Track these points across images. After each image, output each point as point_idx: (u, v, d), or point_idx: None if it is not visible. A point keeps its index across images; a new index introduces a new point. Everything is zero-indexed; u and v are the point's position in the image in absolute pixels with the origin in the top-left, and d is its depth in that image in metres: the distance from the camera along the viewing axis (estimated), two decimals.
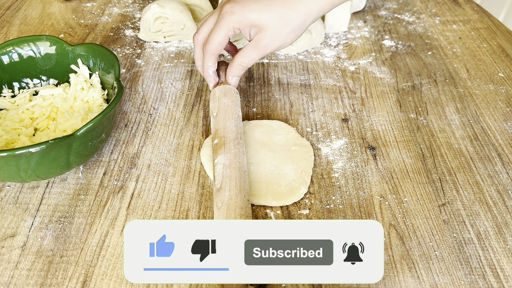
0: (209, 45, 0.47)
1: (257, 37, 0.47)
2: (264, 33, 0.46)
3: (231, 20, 0.46)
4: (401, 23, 0.72)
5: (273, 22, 0.45)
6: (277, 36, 0.46)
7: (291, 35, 0.47)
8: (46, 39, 0.50)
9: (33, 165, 0.38)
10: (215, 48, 0.47)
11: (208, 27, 0.49)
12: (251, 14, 0.45)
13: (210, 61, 0.49)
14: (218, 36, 0.47)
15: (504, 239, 0.40)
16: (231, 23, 0.46)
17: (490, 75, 0.60)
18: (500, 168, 0.47)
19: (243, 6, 0.45)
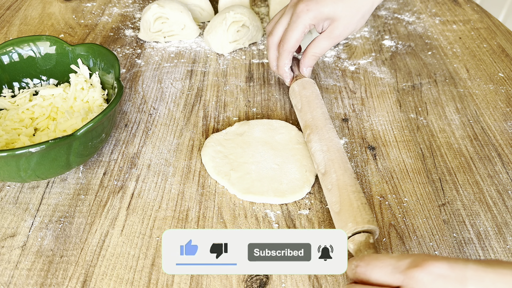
0: (287, 44, 0.49)
1: (331, 28, 0.49)
2: (337, 23, 0.48)
3: (307, 17, 0.47)
4: (401, 23, 0.72)
5: (346, 12, 0.47)
6: (350, 24, 0.48)
7: (361, 20, 0.50)
8: (46, 39, 0.50)
9: (33, 165, 0.38)
10: (292, 46, 0.49)
11: (282, 27, 0.50)
12: (326, 8, 0.47)
13: (286, 59, 0.50)
14: (295, 34, 0.48)
15: (504, 239, 0.40)
16: (307, 20, 0.47)
17: (490, 75, 0.60)
18: (500, 168, 0.47)
19: (317, 2, 0.47)
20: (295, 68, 0.53)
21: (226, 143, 0.47)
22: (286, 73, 0.52)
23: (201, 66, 0.61)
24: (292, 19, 0.48)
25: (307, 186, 0.43)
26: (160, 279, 0.36)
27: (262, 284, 0.36)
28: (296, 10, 0.48)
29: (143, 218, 0.41)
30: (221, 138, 0.48)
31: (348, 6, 0.47)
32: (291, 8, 0.50)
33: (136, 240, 0.39)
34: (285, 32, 0.49)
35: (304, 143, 0.48)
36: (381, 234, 0.40)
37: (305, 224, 0.41)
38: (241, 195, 0.42)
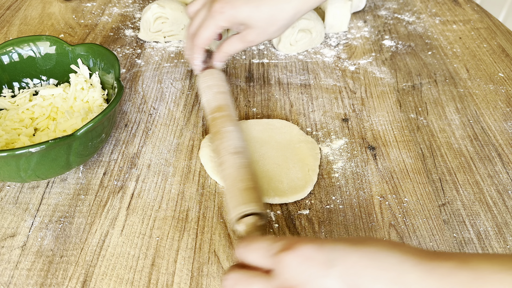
0: (198, 40, 0.50)
1: (245, 33, 0.49)
2: (251, 30, 0.48)
3: (220, 18, 0.47)
4: (401, 23, 0.72)
5: (261, 23, 0.48)
6: (264, 33, 0.49)
7: (277, 32, 0.50)
8: (46, 39, 0.50)
9: (33, 165, 0.38)
10: (203, 43, 0.50)
11: (198, 21, 0.50)
12: (241, 15, 0.47)
13: (197, 53, 0.51)
14: (206, 32, 0.49)
15: (504, 239, 0.40)
16: (220, 22, 0.48)
17: (490, 75, 0.60)
18: (500, 168, 0.47)
19: (233, 6, 0.47)
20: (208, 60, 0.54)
21: None
22: (196, 65, 0.52)
23: None
24: (207, 17, 0.48)
25: (309, 185, 0.43)
26: (160, 279, 0.36)
27: None
28: (211, 9, 0.48)
29: (143, 218, 0.41)
30: None
31: (264, 18, 0.47)
32: (208, 4, 0.49)
33: (136, 240, 0.39)
34: (198, 28, 0.49)
35: (306, 141, 0.48)
36: (381, 234, 0.40)
37: (305, 224, 0.41)
38: None
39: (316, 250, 0.27)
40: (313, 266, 0.26)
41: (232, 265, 0.32)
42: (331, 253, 0.27)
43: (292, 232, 0.40)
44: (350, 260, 0.26)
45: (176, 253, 0.38)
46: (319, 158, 0.46)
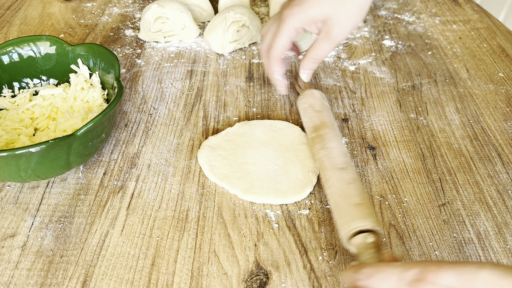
0: (273, 51, 0.48)
1: (326, 28, 0.46)
2: (331, 22, 0.45)
3: (292, 22, 0.45)
4: (401, 23, 0.72)
5: (337, 9, 0.44)
6: (346, 21, 0.45)
7: (361, 13, 0.45)
8: (46, 39, 0.50)
9: (33, 165, 0.38)
10: (278, 52, 0.48)
11: (271, 34, 0.49)
12: (311, 10, 0.44)
13: (275, 66, 0.49)
14: (281, 40, 0.47)
15: (504, 239, 0.40)
16: (293, 25, 0.46)
17: (490, 75, 0.60)
18: (500, 168, 0.47)
19: (301, 5, 0.45)
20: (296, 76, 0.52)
21: (225, 144, 0.47)
22: (277, 80, 0.50)
23: (201, 66, 0.61)
24: (279, 25, 0.47)
25: (309, 186, 0.43)
26: (160, 279, 0.36)
27: (262, 284, 0.36)
28: (281, 16, 0.47)
29: (143, 218, 0.41)
30: (218, 141, 0.48)
31: (337, 3, 0.44)
32: (278, 14, 0.48)
33: (136, 240, 0.39)
34: (272, 39, 0.48)
35: (307, 144, 0.47)
36: None
37: (305, 224, 0.41)
38: (241, 195, 0.42)
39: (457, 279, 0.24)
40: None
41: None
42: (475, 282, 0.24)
43: (292, 232, 0.40)
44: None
45: (176, 253, 0.38)
46: None
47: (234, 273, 0.37)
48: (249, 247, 0.39)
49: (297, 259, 0.38)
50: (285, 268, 0.37)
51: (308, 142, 0.47)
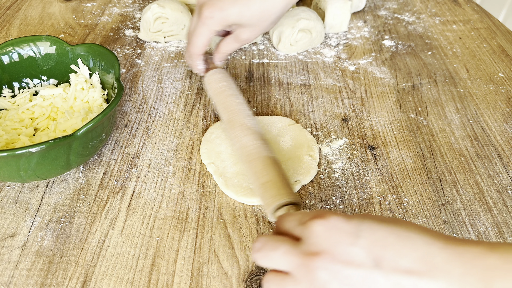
0: (193, 48, 0.50)
1: (238, 32, 0.50)
2: (244, 29, 0.49)
3: (211, 24, 0.48)
4: (401, 23, 0.72)
5: (253, 21, 0.48)
6: (257, 30, 0.50)
7: (270, 26, 0.51)
8: (46, 39, 0.50)
9: (33, 165, 0.38)
10: (198, 50, 0.50)
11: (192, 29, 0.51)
12: (231, 17, 0.47)
13: (196, 60, 0.52)
14: (200, 39, 0.49)
15: (504, 239, 0.40)
16: (212, 27, 0.48)
17: (490, 75, 0.60)
18: (500, 168, 0.47)
19: (221, 9, 0.47)
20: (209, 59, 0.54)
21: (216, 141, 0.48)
22: (198, 70, 0.53)
23: None
24: (198, 24, 0.49)
25: (297, 185, 0.44)
26: (160, 279, 0.36)
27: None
28: (201, 16, 0.48)
29: (143, 218, 0.41)
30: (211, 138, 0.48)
31: (255, 15, 0.47)
32: (197, 10, 0.49)
33: (136, 240, 0.39)
34: (192, 36, 0.50)
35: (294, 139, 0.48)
36: None
37: None
38: (235, 196, 0.43)
39: (345, 221, 0.27)
40: (340, 234, 0.27)
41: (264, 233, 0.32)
42: (360, 225, 0.27)
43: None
44: (378, 234, 0.26)
45: (176, 253, 0.38)
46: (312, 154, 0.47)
47: (234, 273, 0.37)
48: (249, 247, 0.39)
49: None
50: None
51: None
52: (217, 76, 0.51)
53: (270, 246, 0.29)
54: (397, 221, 0.28)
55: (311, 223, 0.28)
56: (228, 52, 0.52)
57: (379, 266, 0.25)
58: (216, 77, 0.51)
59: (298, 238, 0.29)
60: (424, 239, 0.26)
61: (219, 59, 0.53)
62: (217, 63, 0.53)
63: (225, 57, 0.53)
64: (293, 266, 0.28)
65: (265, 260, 0.29)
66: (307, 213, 0.30)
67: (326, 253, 0.26)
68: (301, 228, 0.29)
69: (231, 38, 0.51)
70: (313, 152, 0.46)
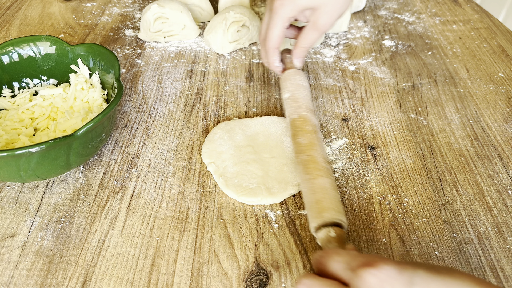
0: (269, 42, 0.49)
1: (314, 18, 0.48)
2: (319, 12, 0.47)
3: (283, 12, 0.47)
4: (401, 23, 0.72)
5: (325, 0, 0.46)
6: (333, 11, 0.47)
7: (345, 4, 0.48)
8: (46, 39, 0.50)
9: (33, 165, 0.38)
10: (275, 42, 0.49)
11: (265, 25, 0.50)
12: (301, 0, 0.46)
13: (273, 55, 0.50)
14: (275, 31, 0.48)
15: (504, 239, 0.40)
16: (284, 15, 0.47)
17: (490, 75, 0.60)
18: (500, 168, 0.47)
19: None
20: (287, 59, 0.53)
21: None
22: (276, 67, 0.52)
23: (201, 66, 0.61)
24: (271, 15, 0.48)
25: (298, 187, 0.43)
26: (160, 279, 0.36)
27: (262, 284, 0.36)
28: (272, 7, 0.48)
29: (143, 218, 0.41)
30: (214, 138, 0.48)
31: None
32: (268, 4, 0.50)
33: (136, 240, 0.39)
34: (266, 30, 0.49)
35: None
36: (381, 234, 0.40)
37: (305, 224, 0.41)
38: (236, 196, 0.43)
39: (398, 272, 0.26)
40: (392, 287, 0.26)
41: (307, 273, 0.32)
42: (413, 277, 0.26)
43: (292, 232, 0.40)
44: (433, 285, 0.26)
45: (176, 253, 0.38)
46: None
47: (234, 273, 0.37)
48: (249, 247, 0.39)
49: (297, 259, 0.38)
50: (285, 268, 0.37)
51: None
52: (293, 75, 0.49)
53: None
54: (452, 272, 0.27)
55: (363, 272, 0.27)
56: (308, 45, 0.50)
57: None
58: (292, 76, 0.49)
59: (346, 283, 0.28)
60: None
61: (299, 55, 0.51)
62: (295, 62, 0.52)
63: (305, 53, 0.51)
64: None
65: None
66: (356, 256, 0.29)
67: None
68: (350, 274, 0.28)
69: (309, 27, 0.49)
70: None
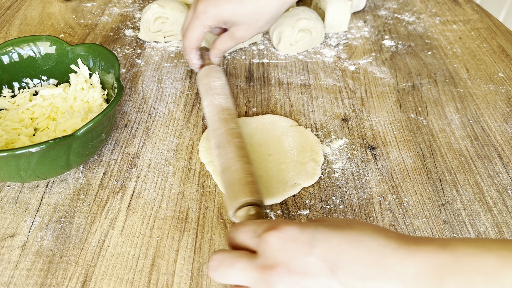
0: (187, 41, 0.50)
1: (232, 30, 0.50)
2: (238, 27, 0.49)
3: (205, 19, 0.48)
4: (401, 23, 0.72)
5: (247, 19, 0.48)
6: (252, 29, 0.49)
7: (266, 26, 0.50)
8: (46, 39, 0.50)
9: (33, 165, 0.38)
10: (192, 43, 0.51)
11: (187, 22, 0.51)
12: (224, 13, 0.47)
13: (191, 54, 0.52)
14: (193, 33, 0.49)
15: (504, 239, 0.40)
16: (205, 22, 0.48)
17: (490, 75, 0.60)
18: (500, 168, 0.47)
19: (216, 5, 0.47)
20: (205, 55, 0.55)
21: None
22: (193, 64, 0.53)
23: None
24: (192, 18, 0.49)
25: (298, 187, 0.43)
26: (160, 279, 0.36)
27: None
28: (195, 10, 0.48)
29: (143, 218, 0.41)
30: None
31: (249, 13, 0.47)
32: (193, 5, 0.50)
33: (136, 240, 0.39)
34: (186, 30, 0.50)
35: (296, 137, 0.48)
36: None
37: None
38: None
39: (299, 231, 0.28)
40: (295, 245, 0.27)
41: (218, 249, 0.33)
42: (314, 234, 0.27)
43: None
44: (332, 242, 0.27)
45: (176, 253, 0.38)
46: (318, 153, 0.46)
47: None
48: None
49: None
50: None
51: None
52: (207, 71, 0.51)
53: (227, 263, 0.29)
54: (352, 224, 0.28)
55: (266, 235, 0.28)
56: (223, 49, 0.52)
57: (335, 274, 0.26)
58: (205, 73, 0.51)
59: (254, 251, 0.29)
60: (378, 241, 0.26)
61: (215, 56, 0.53)
62: (213, 59, 0.53)
63: (220, 54, 0.53)
64: (252, 281, 0.28)
65: (224, 279, 0.29)
66: (261, 223, 0.30)
67: (282, 265, 0.27)
68: (257, 241, 0.29)
69: (227, 35, 0.51)
70: (317, 155, 0.46)
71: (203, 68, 0.52)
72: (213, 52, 0.53)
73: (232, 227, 0.32)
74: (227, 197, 0.38)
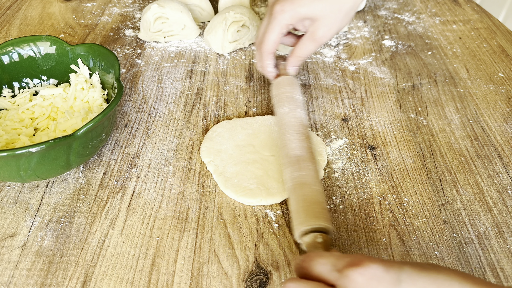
0: (264, 45, 0.49)
1: (312, 29, 0.47)
2: (318, 23, 0.47)
3: (282, 18, 0.46)
4: (401, 23, 0.72)
5: (326, 12, 0.46)
6: (332, 24, 0.47)
7: (346, 19, 0.47)
8: (46, 39, 0.50)
9: (33, 165, 0.38)
10: (270, 47, 0.49)
11: (262, 28, 0.50)
12: (302, 9, 0.46)
13: (267, 60, 0.50)
14: (272, 35, 0.48)
15: (504, 239, 0.40)
16: (283, 21, 0.47)
17: (490, 75, 0.60)
18: (500, 168, 0.47)
19: (292, 2, 0.46)
20: (281, 65, 0.53)
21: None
22: (269, 72, 0.52)
23: (201, 66, 0.61)
24: (270, 20, 0.48)
25: None
26: (160, 279, 0.36)
27: (262, 284, 0.36)
28: (272, 12, 0.47)
29: (143, 218, 0.41)
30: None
31: (327, 6, 0.46)
32: (268, 9, 0.49)
33: (136, 240, 0.39)
34: (263, 34, 0.49)
35: None
36: (381, 234, 0.40)
37: None
38: (235, 196, 0.43)
39: (384, 270, 0.26)
40: (379, 285, 0.26)
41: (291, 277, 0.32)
42: (399, 274, 0.26)
43: (293, 232, 0.40)
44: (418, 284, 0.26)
45: (176, 253, 0.38)
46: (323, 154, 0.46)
47: (234, 273, 0.37)
48: (249, 247, 0.39)
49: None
50: (285, 268, 0.37)
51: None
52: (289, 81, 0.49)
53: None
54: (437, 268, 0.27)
55: (349, 271, 0.27)
56: (304, 55, 0.49)
57: None
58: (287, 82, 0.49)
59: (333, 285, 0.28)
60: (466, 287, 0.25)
61: (293, 64, 0.51)
62: (289, 69, 0.51)
63: (300, 63, 0.51)
64: None
65: None
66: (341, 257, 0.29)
67: None
68: (336, 275, 0.28)
69: (306, 38, 0.48)
70: (321, 156, 0.46)
71: (284, 76, 0.50)
72: (291, 61, 0.50)
73: (305, 256, 0.31)
74: (299, 210, 0.37)
